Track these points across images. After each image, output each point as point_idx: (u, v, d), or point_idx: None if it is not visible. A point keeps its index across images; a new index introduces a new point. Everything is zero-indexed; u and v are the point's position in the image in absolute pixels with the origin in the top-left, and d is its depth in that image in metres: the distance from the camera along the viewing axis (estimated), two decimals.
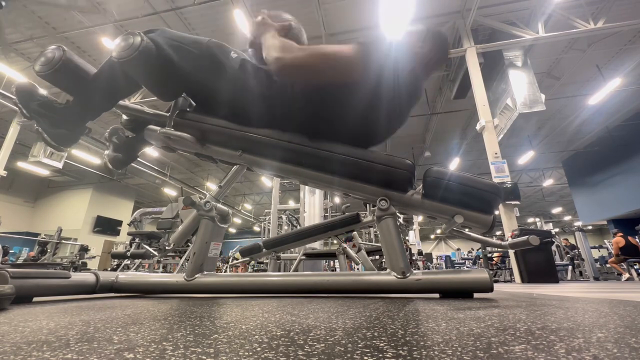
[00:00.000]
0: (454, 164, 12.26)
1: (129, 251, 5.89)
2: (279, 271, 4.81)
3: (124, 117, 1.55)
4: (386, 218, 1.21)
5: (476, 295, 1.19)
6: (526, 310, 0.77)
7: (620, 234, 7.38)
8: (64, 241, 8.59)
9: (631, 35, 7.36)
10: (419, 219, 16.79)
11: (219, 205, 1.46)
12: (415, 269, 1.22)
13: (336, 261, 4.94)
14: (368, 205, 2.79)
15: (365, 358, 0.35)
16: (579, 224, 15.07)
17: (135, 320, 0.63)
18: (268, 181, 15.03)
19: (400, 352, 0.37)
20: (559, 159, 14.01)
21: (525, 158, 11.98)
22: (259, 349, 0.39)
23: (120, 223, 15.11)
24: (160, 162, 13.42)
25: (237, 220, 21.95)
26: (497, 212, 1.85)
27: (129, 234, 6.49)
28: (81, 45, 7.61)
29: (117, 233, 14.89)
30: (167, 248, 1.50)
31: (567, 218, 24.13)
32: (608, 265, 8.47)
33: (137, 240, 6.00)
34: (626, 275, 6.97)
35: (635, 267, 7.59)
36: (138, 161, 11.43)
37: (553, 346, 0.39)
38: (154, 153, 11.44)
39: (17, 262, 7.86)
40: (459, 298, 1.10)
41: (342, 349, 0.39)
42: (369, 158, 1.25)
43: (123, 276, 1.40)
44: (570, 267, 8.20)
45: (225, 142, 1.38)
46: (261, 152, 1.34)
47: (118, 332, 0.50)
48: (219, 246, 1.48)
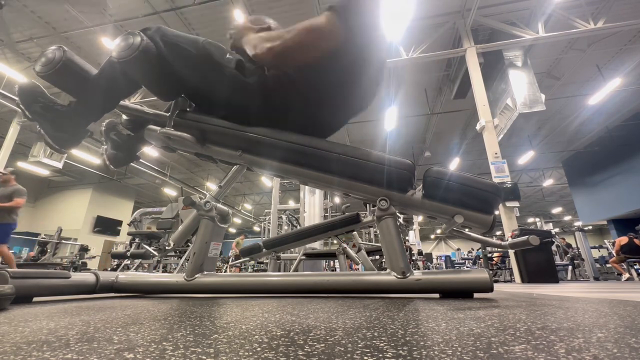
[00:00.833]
0: (454, 164, 12.26)
1: (129, 251, 5.89)
2: (279, 271, 4.81)
3: (124, 117, 1.55)
4: (386, 218, 1.21)
5: (476, 295, 1.19)
6: (526, 310, 0.77)
7: (632, 234, 7.30)
8: (64, 241, 8.59)
9: (631, 35, 7.36)
10: (419, 219, 16.79)
11: (219, 205, 1.46)
12: (415, 269, 1.22)
13: (336, 261, 4.94)
14: (368, 205, 2.79)
15: (365, 358, 0.35)
16: (579, 224, 15.08)
17: (135, 320, 0.63)
18: (268, 181, 15.02)
19: (400, 352, 0.37)
20: (559, 159, 14.01)
21: (525, 158, 11.98)
22: (259, 349, 0.39)
23: (120, 223, 15.11)
24: (160, 162, 13.41)
25: (237, 220, 21.95)
26: (497, 212, 1.85)
27: (129, 234, 6.49)
28: (81, 45, 7.61)
29: (117, 233, 14.89)
30: (167, 248, 1.50)
31: (567, 218, 24.13)
32: (608, 265, 8.46)
33: (137, 240, 6.00)
34: (626, 275, 6.97)
35: (636, 267, 7.59)
36: (138, 161, 11.42)
37: (553, 346, 0.39)
38: (154, 153, 11.43)
39: (17, 262, 7.86)
40: (459, 298, 1.10)
41: (342, 349, 0.39)
42: (369, 158, 1.25)
43: (123, 276, 1.40)
44: (570, 267, 8.20)
45: (225, 142, 1.38)
46: (261, 152, 1.34)
47: (118, 332, 0.50)
48: (219, 246, 1.48)
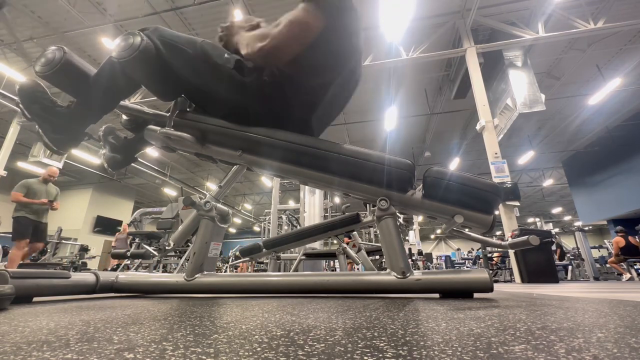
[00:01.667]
0: (454, 164, 12.26)
1: (129, 251, 5.89)
2: (279, 271, 4.81)
3: (124, 117, 1.55)
4: (386, 218, 1.21)
5: (476, 295, 1.19)
6: (526, 310, 0.77)
7: (622, 233, 7.37)
8: (64, 241, 8.59)
9: (631, 35, 7.36)
10: (419, 219, 16.80)
11: (219, 205, 1.46)
12: (415, 269, 1.22)
13: (336, 261, 4.94)
14: (368, 205, 2.79)
15: (365, 358, 0.35)
16: (579, 224, 15.07)
17: (135, 320, 0.63)
18: (268, 181, 15.03)
19: (400, 352, 0.37)
20: (559, 159, 14.01)
21: (525, 158, 11.98)
22: (259, 349, 0.40)
23: (120, 223, 15.10)
24: (160, 162, 13.42)
25: (237, 220, 21.96)
26: (497, 212, 1.85)
27: (129, 233, 6.49)
28: (81, 45, 7.62)
29: None
30: (167, 248, 1.50)
31: (567, 218, 24.13)
32: (608, 265, 8.46)
33: (137, 240, 6.01)
34: (627, 275, 6.97)
35: (636, 267, 7.59)
36: (138, 161, 11.43)
37: (553, 346, 0.39)
38: (154, 153, 11.44)
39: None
40: (459, 298, 1.10)
41: (342, 349, 0.39)
42: (369, 158, 1.25)
43: (123, 276, 1.40)
44: (569, 268, 8.20)
45: (225, 142, 1.38)
46: (261, 152, 1.34)
47: (118, 332, 0.50)
48: (219, 246, 1.48)
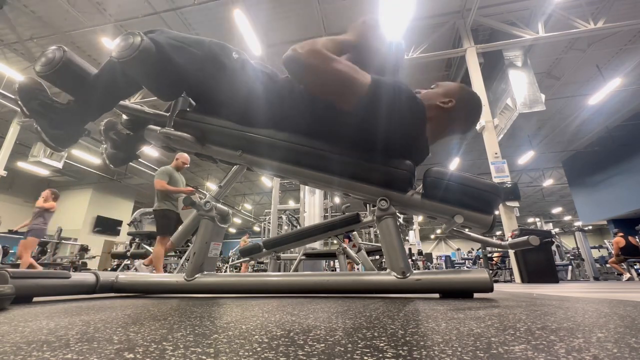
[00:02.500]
0: (454, 164, 12.26)
1: (129, 251, 5.89)
2: (279, 271, 4.81)
3: (124, 116, 1.55)
4: (386, 218, 1.21)
5: (476, 295, 1.19)
6: (526, 310, 0.77)
7: (621, 233, 7.38)
8: (64, 241, 8.58)
9: (631, 35, 7.36)
10: (419, 219, 16.79)
11: (219, 205, 1.46)
12: (415, 269, 1.22)
13: (336, 261, 4.95)
14: (368, 205, 2.79)
15: (365, 358, 0.35)
16: (579, 224, 15.07)
17: (135, 320, 0.63)
18: (268, 181, 15.02)
19: (400, 352, 0.37)
20: (559, 159, 14.00)
21: (525, 158, 11.98)
22: (259, 349, 0.39)
23: (120, 223, 15.11)
24: (160, 162, 13.41)
25: (237, 220, 21.94)
26: (497, 212, 1.85)
27: (129, 234, 6.50)
28: (81, 45, 7.61)
29: (117, 233, 14.89)
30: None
31: (567, 218, 24.12)
32: (608, 265, 8.46)
33: (137, 240, 6.01)
34: (627, 275, 6.97)
35: (636, 267, 7.59)
36: (138, 161, 11.43)
37: (553, 346, 0.39)
38: (154, 153, 11.43)
39: (17, 262, 7.86)
40: (459, 298, 1.10)
41: (342, 349, 0.39)
42: (369, 158, 1.25)
43: (123, 276, 1.40)
44: (570, 268, 8.20)
45: (225, 142, 1.38)
46: (261, 152, 1.34)
47: (118, 332, 0.50)
48: (219, 246, 1.48)
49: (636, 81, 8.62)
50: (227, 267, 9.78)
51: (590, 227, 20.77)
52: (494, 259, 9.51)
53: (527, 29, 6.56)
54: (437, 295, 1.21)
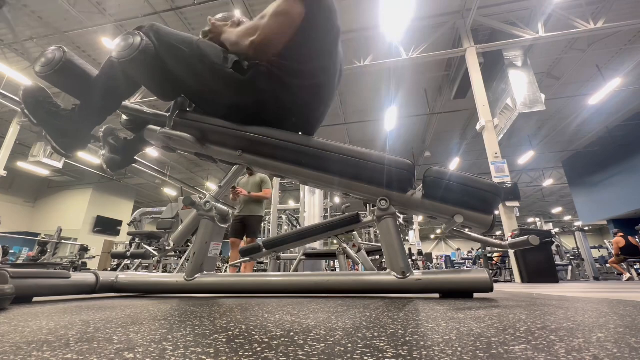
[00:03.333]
0: (454, 164, 12.26)
1: (129, 251, 5.89)
2: (279, 271, 4.81)
3: (124, 117, 1.55)
4: (386, 218, 1.21)
5: (476, 295, 1.19)
6: (526, 310, 0.77)
7: (621, 233, 7.38)
8: (64, 241, 8.59)
9: (631, 35, 7.36)
10: (419, 219, 16.78)
11: (219, 205, 1.46)
12: (415, 269, 1.22)
13: (336, 261, 4.94)
14: (368, 205, 2.79)
15: (365, 358, 0.35)
16: (579, 224, 15.07)
17: (135, 320, 0.63)
18: None
19: (400, 352, 0.37)
20: (559, 159, 14.00)
21: (525, 158, 11.97)
22: (259, 349, 0.39)
23: (120, 223, 15.10)
24: (160, 162, 13.41)
25: None
26: (497, 212, 1.85)
27: (129, 234, 6.50)
28: (81, 46, 7.61)
29: (117, 233, 14.89)
30: (167, 248, 1.50)
31: (567, 218, 24.12)
32: (608, 265, 8.46)
33: (137, 240, 6.01)
34: (627, 275, 6.97)
35: (636, 267, 7.59)
36: (138, 161, 11.43)
37: (553, 346, 0.39)
38: (154, 153, 11.44)
39: (17, 262, 7.86)
40: (459, 298, 1.10)
41: (342, 349, 0.39)
42: (369, 158, 1.25)
43: (123, 276, 1.40)
44: (570, 268, 8.20)
45: (225, 142, 1.38)
46: (261, 152, 1.34)
47: (118, 332, 0.50)
48: (219, 246, 1.48)
49: (636, 81, 8.62)
50: (226, 267, 9.78)
51: (590, 227, 20.78)
52: (494, 259, 9.50)
53: (527, 29, 6.56)
54: (437, 295, 1.21)
